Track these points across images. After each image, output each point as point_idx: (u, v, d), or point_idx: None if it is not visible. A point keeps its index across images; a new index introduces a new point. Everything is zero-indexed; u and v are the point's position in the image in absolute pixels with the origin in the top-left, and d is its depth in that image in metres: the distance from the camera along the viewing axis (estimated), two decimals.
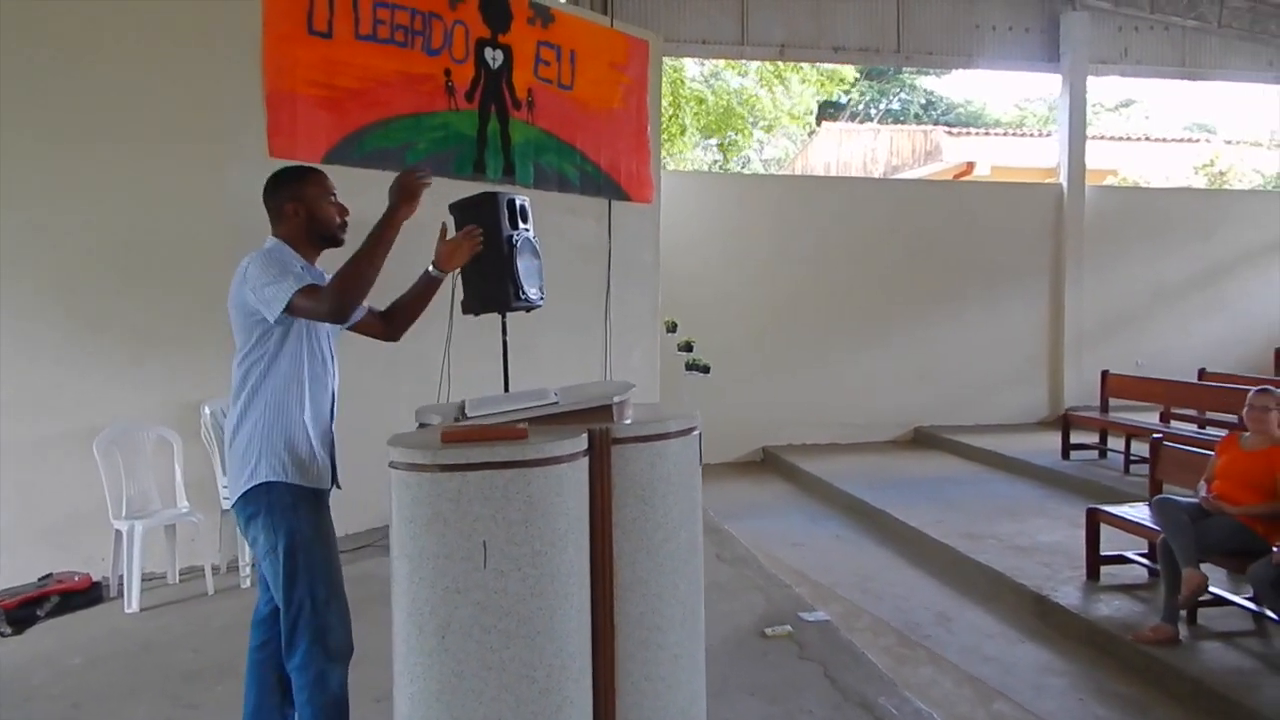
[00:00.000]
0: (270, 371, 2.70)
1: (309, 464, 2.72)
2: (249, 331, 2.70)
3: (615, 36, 7.31)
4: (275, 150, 5.05)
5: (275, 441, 2.67)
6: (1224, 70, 12.00)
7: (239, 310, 2.70)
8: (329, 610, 2.68)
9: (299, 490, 2.69)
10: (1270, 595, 4.26)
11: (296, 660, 2.65)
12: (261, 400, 2.69)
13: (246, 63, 5.20)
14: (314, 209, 2.81)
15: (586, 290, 7.23)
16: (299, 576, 2.65)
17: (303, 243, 2.82)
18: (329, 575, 2.71)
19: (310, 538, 2.69)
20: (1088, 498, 6.70)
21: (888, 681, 3.79)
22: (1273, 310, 12.12)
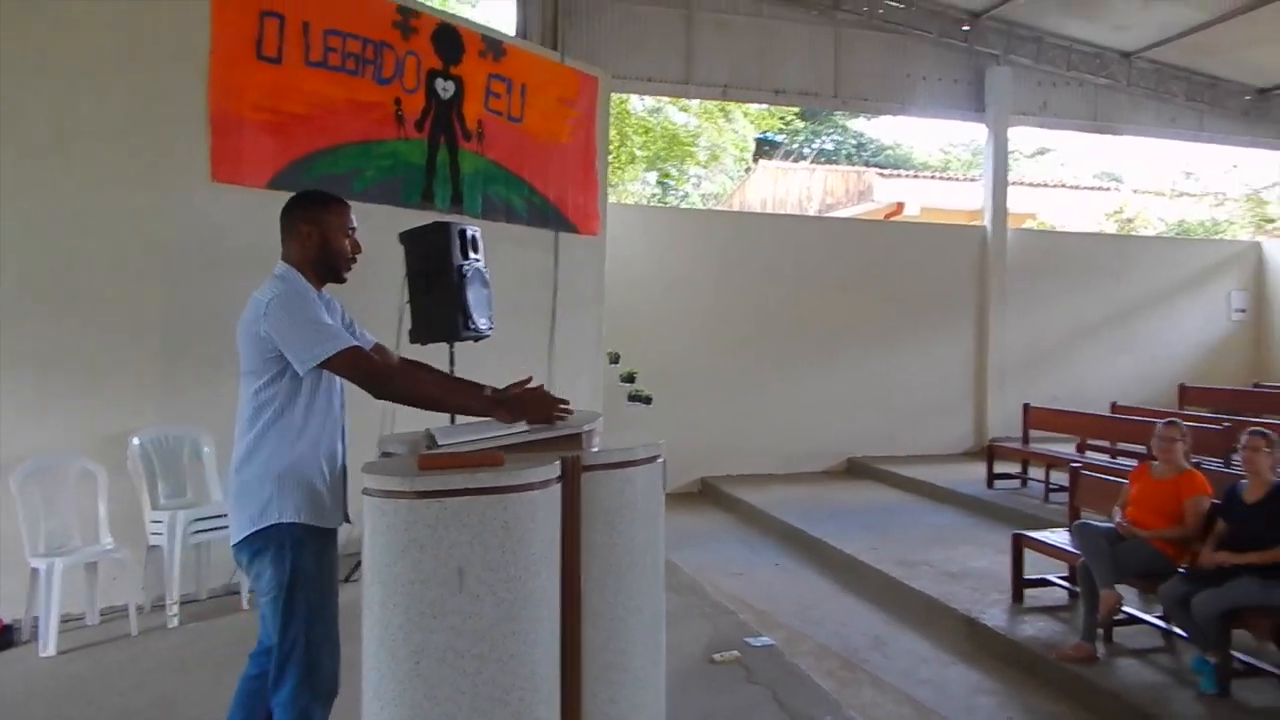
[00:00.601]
0: (288, 407, 2.63)
1: (323, 503, 2.67)
2: (264, 365, 2.62)
3: (565, 72, 7.42)
4: (219, 174, 4.99)
5: (289, 480, 2.62)
6: (1132, 125, 12.67)
7: (255, 343, 2.62)
8: (321, 650, 2.65)
9: (311, 530, 2.64)
10: (1178, 613, 4.50)
11: (283, 696, 2.60)
12: (276, 435, 2.63)
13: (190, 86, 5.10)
14: (329, 236, 2.77)
15: (532, 320, 7.24)
16: (296, 614, 2.60)
17: (309, 269, 2.76)
18: (325, 615, 2.68)
19: (313, 577, 2.64)
20: (1012, 524, 6.90)
21: (833, 703, 3.88)
22: (1176, 349, 12.74)
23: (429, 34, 6.13)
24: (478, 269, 5.12)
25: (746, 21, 10.57)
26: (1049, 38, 11.67)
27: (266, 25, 5.14)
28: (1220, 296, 13.17)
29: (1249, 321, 13.26)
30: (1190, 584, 4.42)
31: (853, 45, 11.06)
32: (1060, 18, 11.26)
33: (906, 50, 11.32)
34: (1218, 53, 11.73)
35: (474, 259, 5.12)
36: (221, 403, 5.24)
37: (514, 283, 6.51)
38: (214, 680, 4.05)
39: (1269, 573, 4.25)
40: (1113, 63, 12.06)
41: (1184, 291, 12.97)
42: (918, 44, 11.34)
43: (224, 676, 3.94)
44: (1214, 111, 12.86)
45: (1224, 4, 10.33)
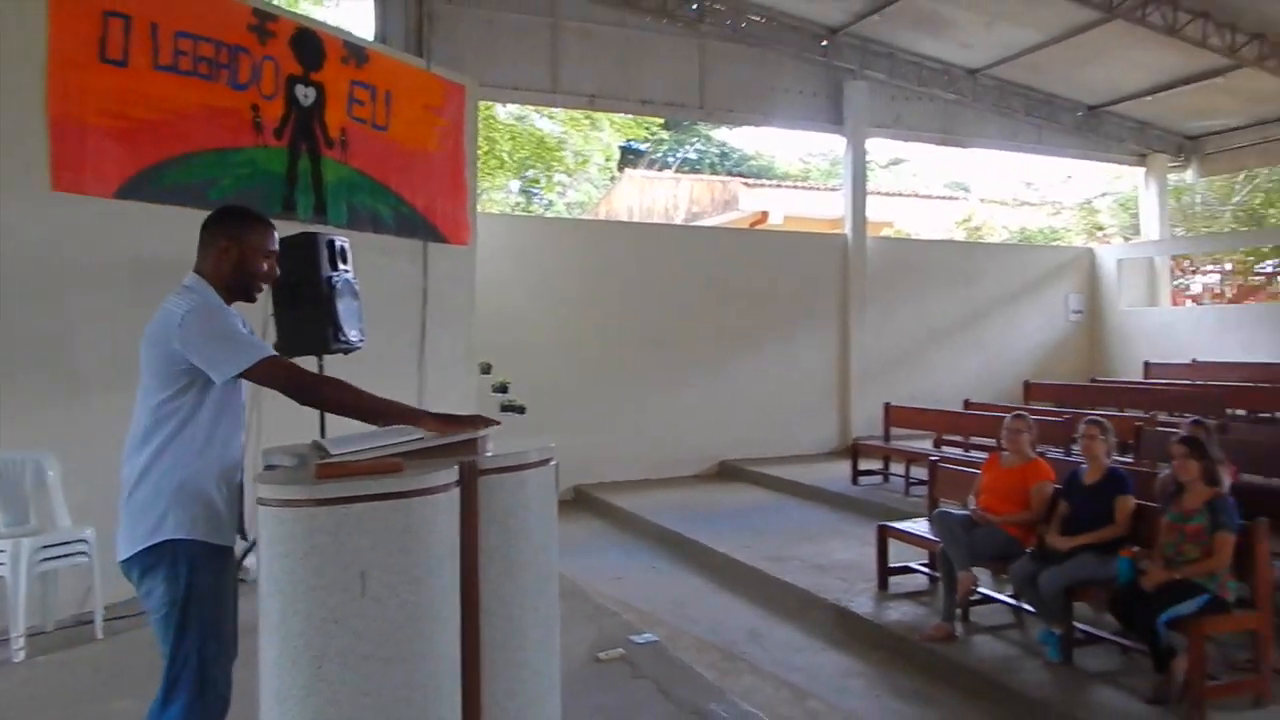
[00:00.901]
0: (189, 422, 2.61)
1: (218, 520, 2.65)
2: (171, 378, 2.59)
3: (431, 80, 7.42)
4: (60, 183, 4.79)
5: (186, 496, 2.59)
6: (978, 138, 13.67)
7: (162, 356, 2.59)
8: (215, 667, 2.62)
9: (207, 546, 2.61)
10: (1027, 591, 4.97)
11: (172, 715, 2.57)
12: (174, 452, 2.59)
13: (27, 89, 4.87)
14: (247, 256, 2.77)
15: (401, 332, 7.21)
16: (190, 631, 2.57)
17: (221, 285, 2.74)
18: (220, 632, 2.65)
19: (208, 592, 2.61)
20: (876, 518, 7.33)
21: (716, 690, 4.10)
22: (1020, 348, 13.78)
23: (287, 38, 6.02)
24: (347, 280, 5.11)
25: (612, 32, 10.83)
26: (901, 54, 12.42)
27: (111, 26, 4.93)
28: (1059, 299, 14.30)
29: (1084, 322, 14.45)
30: (1037, 563, 4.88)
31: (717, 58, 11.49)
32: (912, 35, 12.01)
33: (768, 64, 11.83)
34: (1052, 72, 12.77)
35: (343, 270, 5.10)
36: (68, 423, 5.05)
37: (382, 294, 6.47)
38: (69, 713, 3.92)
39: (1104, 550, 4.74)
40: (960, 79, 12.94)
41: (1026, 295, 14.04)
42: (779, 58, 11.86)
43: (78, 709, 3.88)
44: (1050, 126, 13.97)
45: (1056, 26, 11.25)
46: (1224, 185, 18.79)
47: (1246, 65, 11.25)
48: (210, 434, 2.64)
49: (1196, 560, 4.31)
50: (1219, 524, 4.29)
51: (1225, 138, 14.79)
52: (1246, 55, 11.03)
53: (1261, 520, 4.32)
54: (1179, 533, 4.43)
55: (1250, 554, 4.28)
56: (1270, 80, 11.68)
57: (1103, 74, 12.75)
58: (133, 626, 3.92)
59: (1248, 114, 13.76)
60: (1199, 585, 4.22)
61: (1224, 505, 4.34)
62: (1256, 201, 19.10)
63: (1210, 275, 17.08)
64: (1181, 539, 4.41)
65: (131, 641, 2.95)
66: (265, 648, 2.17)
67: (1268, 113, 13.57)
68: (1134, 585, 4.38)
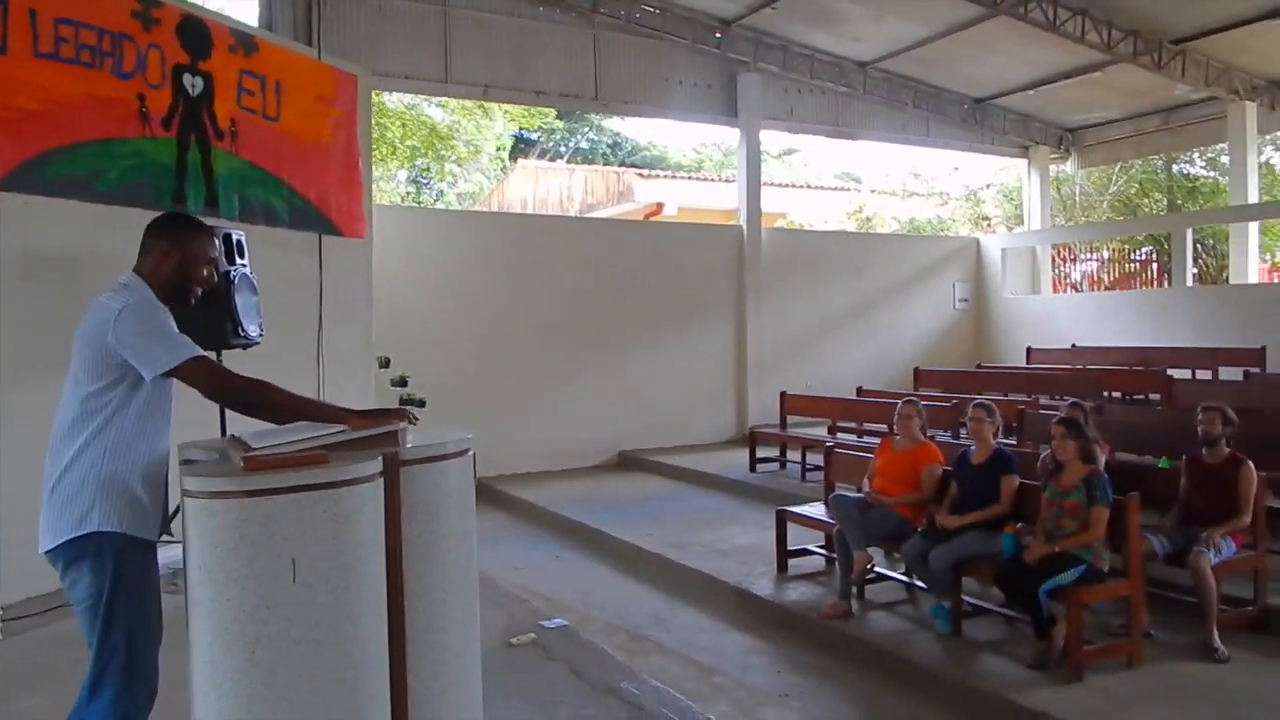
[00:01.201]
0: (116, 416, 2.69)
1: (143, 514, 2.73)
2: (102, 372, 2.67)
3: (323, 70, 7.38)
4: None
5: (111, 489, 2.66)
6: (868, 130, 14.30)
7: (95, 350, 2.67)
8: (142, 657, 2.71)
9: (132, 540, 2.69)
10: (919, 567, 5.35)
11: (101, 704, 2.64)
12: (102, 444, 2.67)
13: None
14: (188, 262, 2.88)
15: (297, 326, 7.17)
16: (116, 622, 2.65)
17: (159, 286, 2.83)
18: (146, 623, 2.73)
19: (134, 584, 2.69)
20: (774, 503, 7.66)
21: (627, 670, 4.35)
22: (910, 336, 14.47)
23: (173, 26, 5.90)
24: (245, 274, 5.13)
25: (505, 21, 10.92)
26: (794, 46, 12.87)
27: None
28: (946, 288, 15.06)
29: (970, 310, 15.26)
30: (927, 541, 5.25)
31: (611, 49, 11.72)
32: (805, 28, 12.47)
33: (663, 55, 12.12)
34: (940, 65, 13.44)
35: (240, 264, 5.12)
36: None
37: (278, 288, 6.44)
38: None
39: (990, 526, 5.13)
40: (851, 72, 13.49)
41: (916, 284, 14.73)
42: (673, 49, 12.15)
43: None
44: (938, 119, 14.69)
45: (943, 21, 11.85)
46: (1102, 176, 19.90)
47: (1122, 60, 12.04)
48: (138, 429, 2.73)
49: (1074, 533, 4.66)
50: (1094, 499, 4.66)
51: (1103, 130, 15.75)
52: (1122, 51, 11.79)
53: (1133, 495, 4.72)
54: (1058, 508, 4.80)
55: (1123, 526, 4.67)
56: (1144, 75, 12.52)
57: (988, 68, 13.44)
58: (34, 626, 3.89)
59: (1124, 107, 14.70)
60: (1077, 557, 4.59)
61: (1099, 481, 4.72)
62: (1132, 191, 20.31)
63: (1090, 263, 18.13)
64: (1060, 514, 4.78)
65: (34, 640, 2.99)
66: (197, 635, 2.29)
67: (1142, 106, 14.52)
68: (1017, 559, 4.73)
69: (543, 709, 3.90)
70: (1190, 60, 12.35)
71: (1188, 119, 14.51)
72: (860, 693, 4.77)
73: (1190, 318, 12.48)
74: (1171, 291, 13.78)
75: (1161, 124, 14.89)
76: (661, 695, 4.03)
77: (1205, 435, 5.18)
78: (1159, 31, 11.85)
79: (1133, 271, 18.54)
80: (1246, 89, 13.17)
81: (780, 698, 4.60)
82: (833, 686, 4.84)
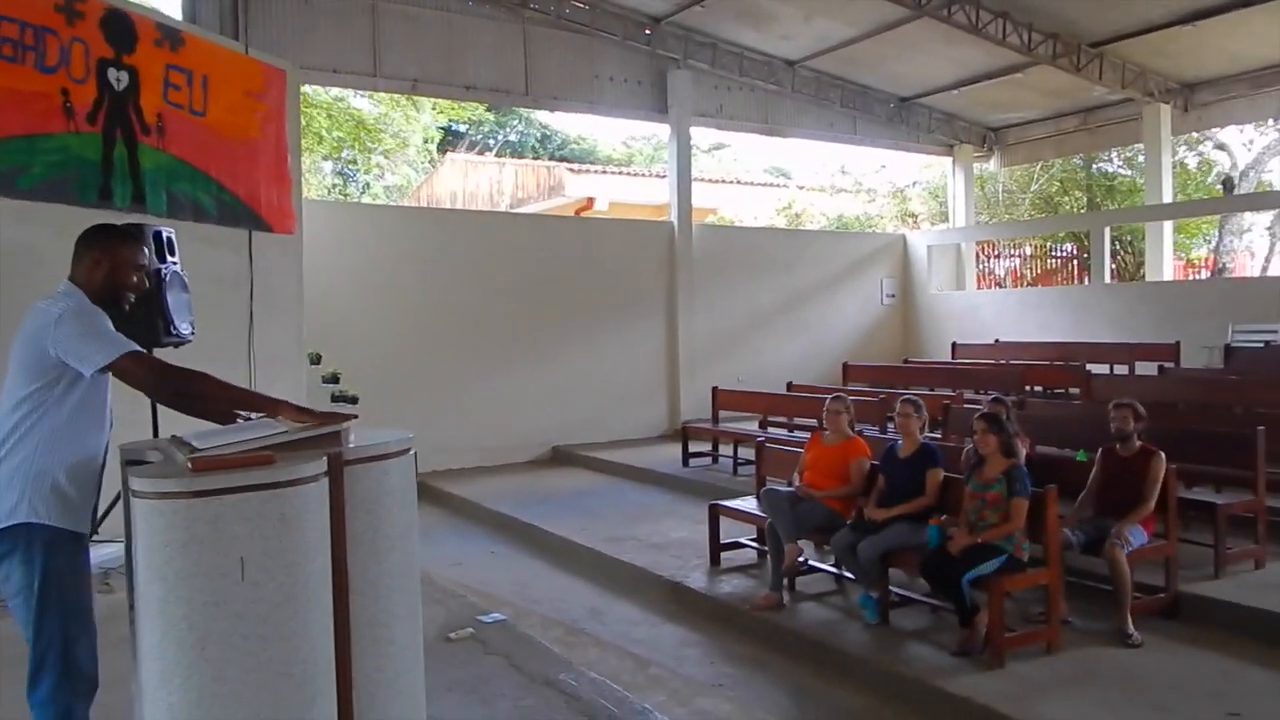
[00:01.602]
0: (48, 414, 2.81)
1: (72, 508, 2.84)
2: (37, 374, 2.80)
3: (250, 64, 7.34)
4: None
5: (41, 482, 2.79)
6: (797, 128, 14.58)
7: (33, 353, 2.80)
8: (79, 646, 2.84)
9: (61, 532, 2.79)
10: (847, 559, 5.54)
11: (41, 695, 2.78)
12: (33, 440, 2.80)
13: None
14: (118, 269, 3.01)
15: (228, 323, 7.15)
16: (49, 612, 2.78)
17: (93, 293, 2.95)
18: (80, 613, 2.87)
19: (65, 574, 2.82)
20: (707, 497, 7.78)
21: (564, 662, 4.48)
22: (839, 331, 14.82)
23: (97, 20, 5.84)
24: (175, 272, 5.13)
25: (433, 15, 10.93)
26: (724, 44, 13.10)
27: None
28: (874, 283, 15.45)
29: (897, 305, 15.67)
30: (855, 534, 5.42)
31: (541, 44, 11.80)
32: (734, 26, 12.70)
33: (593, 51, 12.24)
34: (866, 65, 13.80)
35: (171, 262, 5.12)
36: None
37: (208, 285, 6.42)
38: None
39: (916, 519, 5.33)
40: (779, 70, 13.77)
41: (844, 280, 15.09)
42: (604, 45, 12.28)
43: None
44: (865, 117, 15.06)
45: (869, 21, 12.19)
46: (1024, 174, 20.52)
47: (1042, 62, 12.50)
48: (70, 426, 2.85)
49: (996, 525, 4.84)
50: (1015, 491, 4.84)
51: (1024, 129, 16.29)
52: (1042, 53, 12.25)
53: (1052, 487, 4.95)
54: (980, 500, 4.98)
55: (1042, 517, 4.88)
56: (1064, 76, 13.02)
57: (913, 68, 13.84)
58: None
59: (1044, 107, 15.23)
60: (998, 547, 4.77)
61: (1019, 474, 4.92)
62: (1053, 190, 20.98)
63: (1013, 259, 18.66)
64: (982, 505, 4.96)
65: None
66: (146, 632, 2.36)
67: (1062, 106, 15.07)
68: (941, 549, 4.92)
69: (482, 701, 4.01)
70: (1108, 63, 12.87)
71: (1106, 119, 15.09)
72: (792, 681, 4.94)
73: (1108, 314, 12.97)
74: (1090, 288, 14.26)
75: (1081, 124, 15.47)
76: (598, 686, 4.17)
77: (1118, 432, 5.44)
78: (1077, 35, 12.34)
79: (1055, 268, 19.17)
80: (1161, 91, 13.75)
81: (714, 688, 4.76)
82: (765, 676, 5.01)
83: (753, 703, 4.61)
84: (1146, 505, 5.22)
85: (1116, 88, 13.35)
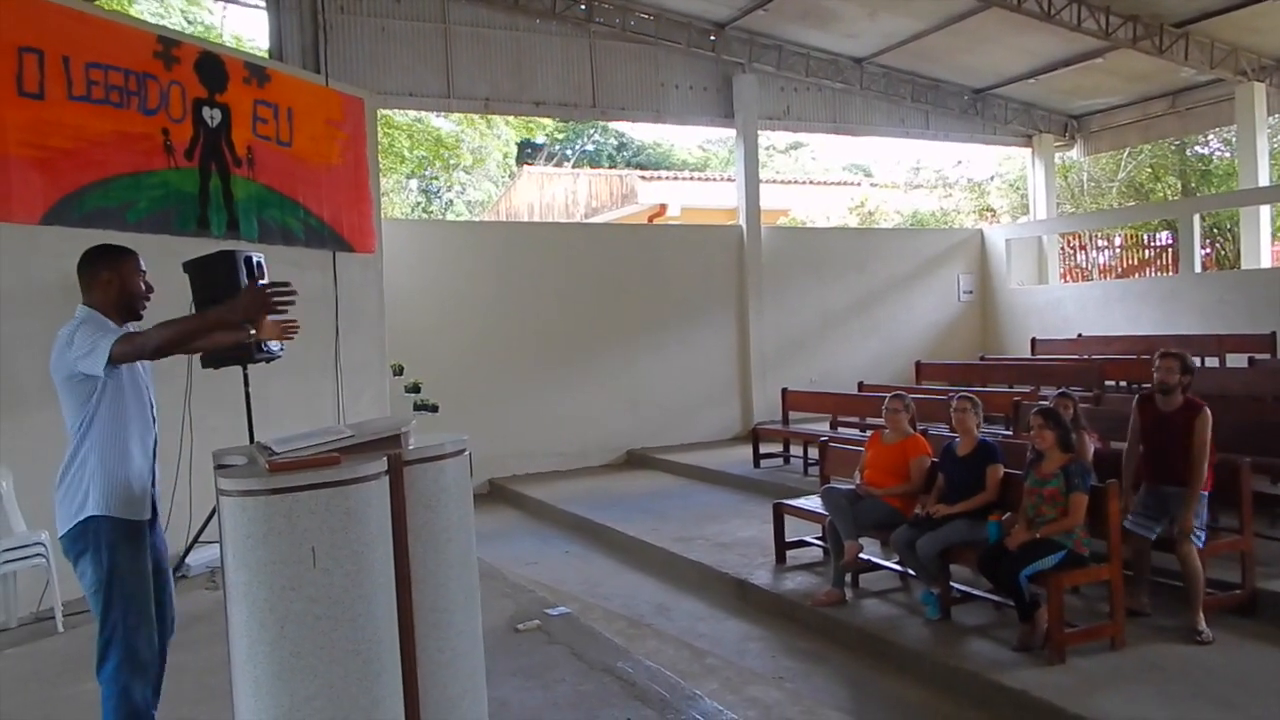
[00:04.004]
0: (95, 420, 3.24)
1: (132, 497, 3.29)
2: (76, 394, 3.23)
3: (330, 95, 7.86)
4: None
5: (102, 482, 3.22)
6: (867, 126, 14.55)
7: (64, 376, 3.21)
8: (138, 634, 3.27)
9: (120, 524, 3.24)
10: (908, 556, 5.59)
11: (107, 673, 3.23)
12: (87, 445, 3.24)
13: None
14: (126, 282, 3.37)
15: (315, 339, 7.64)
16: (114, 604, 3.24)
17: (112, 311, 3.34)
18: (140, 603, 3.30)
19: (127, 570, 3.26)
20: (776, 498, 7.79)
21: (624, 652, 4.76)
22: (913, 329, 14.75)
23: (191, 63, 6.41)
24: None
25: (503, 35, 11.35)
26: (789, 46, 13.20)
27: (25, 61, 5.31)
28: (950, 280, 15.31)
29: (975, 301, 15.49)
30: (915, 530, 5.50)
31: (607, 56, 12.13)
32: (798, 27, 12.78)
33: (659, 60, 12.50)
34: (937, 58, 13.65)
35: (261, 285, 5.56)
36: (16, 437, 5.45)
37: (297, 304, 6.91)
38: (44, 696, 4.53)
39: (976, 515, 5.39)
40: (847, 68, 13.79)
41: (919, 277, 15.01)
42: (669, 54, 12.54)
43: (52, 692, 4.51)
44: (938, 111, 14.92)
45: (936, 15, 12.10)
46: (1110, 162, 19.92)
47: (1122, 46, 12.13)
48: (118, 428, 3.28)
49: (1054, 520, 4.84)
50: (1073, 486, 4.82)
51: (1108, 115, 15.87)
52: (1121, 37, 11.88)
53: (1114, 482, 4.91)
54: (1038, 495, 4.98)
55: (1104, 513, 4.84)
56: (1147, 60, 12.62)
57: (985, 59, 13.61)
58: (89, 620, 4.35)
59: (1128, 92, 14.82)
60: (1056, 543, 4.76)
61: (1077, 469, 4.93)
62: (1143, 176, 20.23)
63: (1101, 251, 18.10)
64: (1040, 501, 4.96)
65: (90, 634, 3.46)
66: (234, 613, 2.72)
67: (1147, 90, 14.63)
68: (1000, 545, 4.97)
69: (543, 685, 4.32)
70: (1194, 43, 12.40)
71: (1196, 101, 14.56)
72: (851, 674, 5.06)
73: (1199, 305, 12.57)
74: (1180, 278, 13.82)
75: (1169, 107, 14.96)
76: (653, 673, 4.43)
77: (1161, 384, 5.20)
78: (1159, 15, 11.92)
79: (1149, 258, 18.51)
80: (1254, 69, 13.15)
81: (770, 678, 4.94)
82: (825, 669, 5.14)
83: (811, 694, 4.74)
84: (1198, 475, 5.02)
85: (1205, 68, 12.82)
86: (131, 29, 6.40)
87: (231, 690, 2.78)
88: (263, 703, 2.68)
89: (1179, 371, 5.18)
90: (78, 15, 5.71)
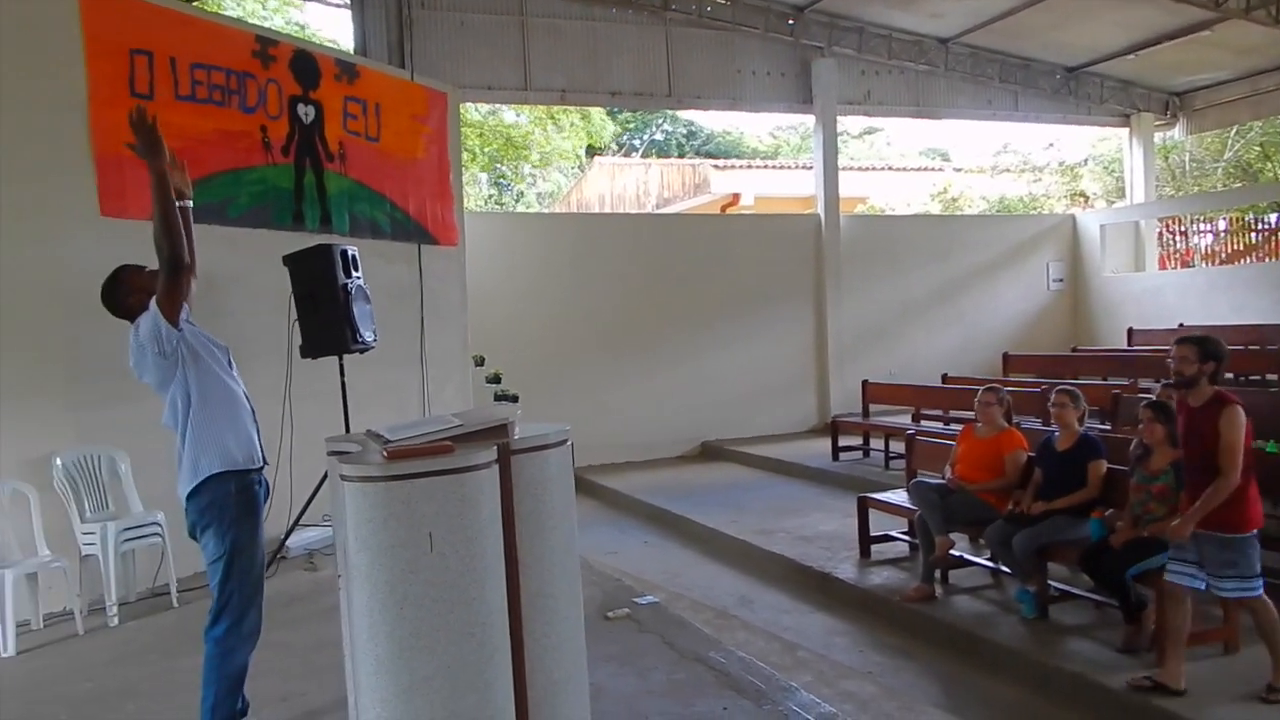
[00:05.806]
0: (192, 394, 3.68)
1: (241, 449, 3.73)
2: (163, 374, 3.68)
3: (415, 90, 8.12)
4: (107, 209, 5.53)
5: (211, 440, 3.67)
6: (951, 108, 14.33)
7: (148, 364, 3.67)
8: (250, 604, 3.73)
9: (238, 480, 3.68)
10: (1001, 552, 5.58)
11: (217, 633, 3.66)
12: (191, 415, 3.68)
13: (68, 126, 5.58)
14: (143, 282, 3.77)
15: (400, 330, 7.93)
16: (233, 578, 3.68)
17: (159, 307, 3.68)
18: (255, 577, 3.77)
19: (247, 544, 3.70)
20: (856, 491, 7.90)
21: (714, 641, 4.89)
22: (999, 320, 14.50)
23: (287, 61, 6.72)
24: (359, 286, 5.84)
25: (579, 25, 11.53)
26: (870, 28, 13.10)
27: (137, 63, 5.65)
28: (1039, 268, 15.01)
29: (1066, 290, 15.14)
30: (1011, 526, 5.46)
31: (683, 43, 12.21)
32: (880, 8, 12.67)
33: (735, 46, 12.54)
34: (1028, 35, 13.32)
35: (355, 277, 5.84)
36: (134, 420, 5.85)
37: (384, 295, 7.19)
38: (164, 666, 4.89)
39: (1075, 512, 5.33)
40: (931, 49, 13.61)
41: (1005, 265, 14.76)
42: (745, 39, 12.56)
43: (170, 663, 4.85)
44: (1028, 91, 14.58)
45: None
46: (1216, 141, 19.13)
47: (1233, 17, 11.63)
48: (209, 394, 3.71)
49: (1162, 518, 4.64)
50: (1183, 483, 4.49)
51: (1214, 92, 15.22)
52: (1233, 7, 11.41)
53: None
54: (1145, 492, 4.83)
55: None
56: (1260, 31, 12.01)
57: (1080, 34, 13.21)
58: (202, 596, 4.69)
59: (1237, 67, 14.16)
60: (1165, 541, 4.45)
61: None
62: (1251, 156, 19.45)
63: (1204, 235, 17.37)
64: (1148, 498, 4.82)
65: (203, 609, 3.76)
66: (355, 595, 2.91)
67: (1259, 64, 13.90)
68: (1104, 543, 4.87)
69: (637, 672, 4.47)
70: None
71: None
72: (942, 671, 5.07)
73: None
74: None
75: None
76: (746, 664, 4.55)
77: (1177, 375, 4.46)
78: None
79: (1256, 243, 17.75)
80: None
81: (863, 673, 5.00)
82: (914, 665, 5.17)
83: (902, 690, 4.78)
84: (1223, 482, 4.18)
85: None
86: (232, 29, 6.74)
87: (350, 668, 2.98)
88: (383, 680, 2.86)
89: (1197, 359, 4.34)
90: (183, 17, 6.07)
